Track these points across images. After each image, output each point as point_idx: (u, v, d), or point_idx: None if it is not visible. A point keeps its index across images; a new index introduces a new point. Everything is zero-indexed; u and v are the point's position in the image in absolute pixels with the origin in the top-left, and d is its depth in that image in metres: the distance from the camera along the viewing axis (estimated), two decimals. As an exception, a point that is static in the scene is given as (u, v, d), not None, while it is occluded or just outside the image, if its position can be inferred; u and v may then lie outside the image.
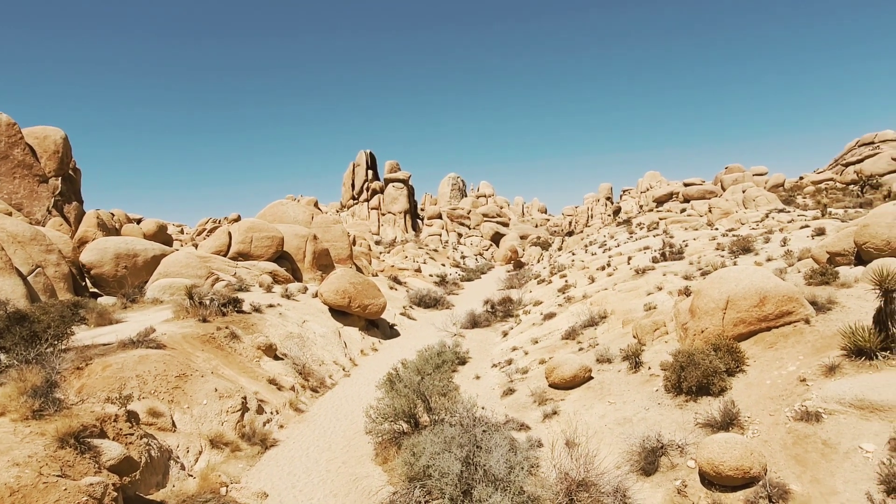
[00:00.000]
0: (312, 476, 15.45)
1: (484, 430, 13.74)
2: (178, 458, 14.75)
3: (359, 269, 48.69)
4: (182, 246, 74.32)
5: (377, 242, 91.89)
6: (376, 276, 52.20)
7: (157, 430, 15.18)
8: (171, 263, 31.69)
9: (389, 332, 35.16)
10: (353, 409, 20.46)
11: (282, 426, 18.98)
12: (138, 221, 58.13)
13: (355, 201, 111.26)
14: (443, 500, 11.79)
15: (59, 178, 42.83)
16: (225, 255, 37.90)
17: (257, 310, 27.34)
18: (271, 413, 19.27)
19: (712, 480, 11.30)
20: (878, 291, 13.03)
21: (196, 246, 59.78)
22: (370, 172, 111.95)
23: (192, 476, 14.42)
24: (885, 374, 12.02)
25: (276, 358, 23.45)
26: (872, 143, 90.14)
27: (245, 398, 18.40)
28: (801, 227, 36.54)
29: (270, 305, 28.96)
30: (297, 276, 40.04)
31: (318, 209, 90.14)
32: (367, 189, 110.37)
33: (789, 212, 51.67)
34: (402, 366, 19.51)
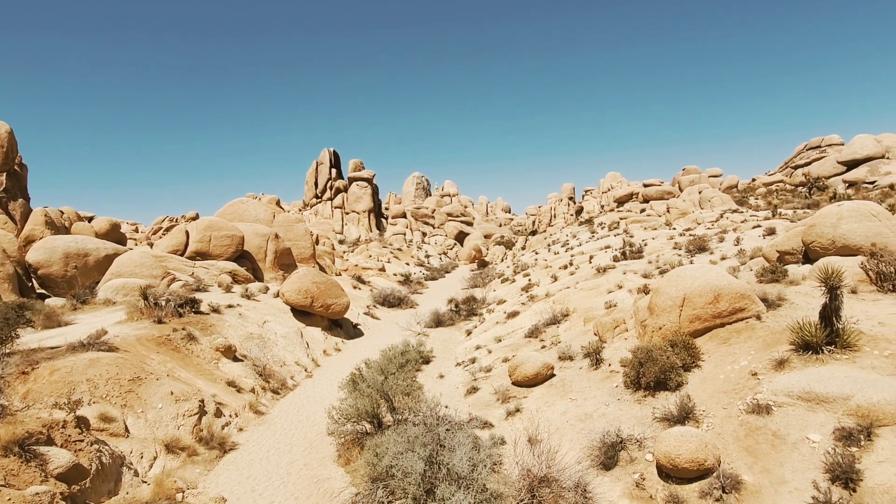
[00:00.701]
0: (273, 479, 15.16)
1: (447, 429, 13.74)
2: (131, 464, 14.26)
3: (322, 269, 48.07)
4: (137, 245, 71.89)
5: (341, 241, 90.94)
6: (340, 275, 51.65)
7: (108, 435, 14.64)
8: (124, 263, 30.61)
9: (353, 331, 34.84)
10: (316, 411, 20.18)
11: (241, 429, 18.56)
12: (90, 220, 55.92)
13: (319, 200, 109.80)
14: (406, 499, 11.73)
15: (4, 174, 40.83)
16: (182, 255, 36.85)
17: (216, 310, 26.67)
18: (230, 416, 18.83)
19: (669, 473, 11.59)
20: (823, 288, 13.59)
21: (151, 245, 57.89)
22: (334, 171, 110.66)
23: (146, 483, 13.96)
24: (830, 368, 12.56)
25: (236, 359, 22.92)
26: (819, 146, 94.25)
27: (203, 401, 17.92)
28: (754, 227, 37.89)
29: (230, 306, 28.31)
30: (257, 276, 39.26)
31: (280, 208, 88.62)
32: (331, 188, 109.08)
33: (742, 212, 53.50)
34: (365, 366, 19.35)
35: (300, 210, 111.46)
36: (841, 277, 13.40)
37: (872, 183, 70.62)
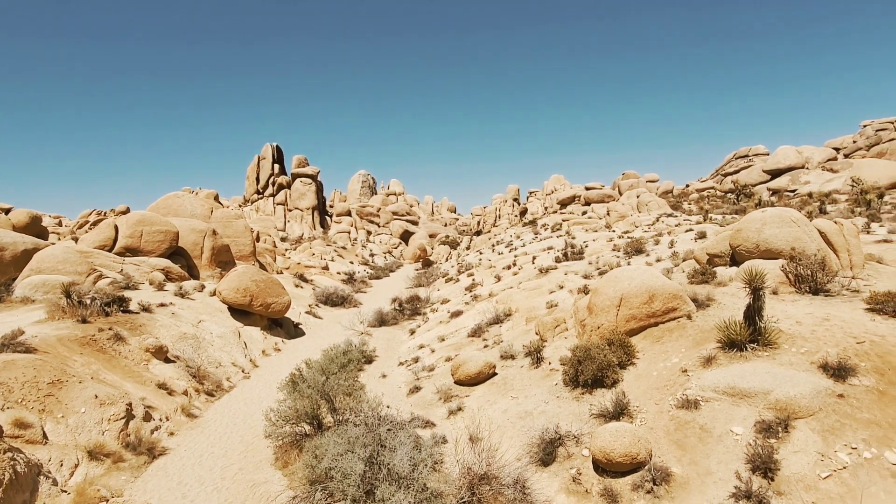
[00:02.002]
0: (206, 485, 14.57)
1: (389, 429, 13.64)
2: (49, 472, 13.36)
3: (262, 267, 46.73)
4: (60, 239, 67.58)
5: (283, 239, 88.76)
6: (281, 273, 50.37)
7: (24, 443, 13.66)
8: (45, 258, 28.65)
9: (294, 331, 34.04)
10: (253, 413, 19.58)
11: (172, 433, 17.75)
12: (6, 212, 52.12)
13: (260, 196, 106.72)
14: (345, 501, 11.56)
15: None
16: (110, 251, 34.89)
17: (146, 309, 25.41)
18: (160, 420, 17.98)
19: (604, 467, 11.94)
20: (747, 289, 14.38)
21: (76, 240, 54.52)
22: (276, 166, 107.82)
23: (65, 492, 13.12)
24: (752, 364, 13.29)
25: (168, 360, 21.90)
26: (747, 156, 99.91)
27: (130, 404, 17.02)
28: (687, 231, 39.68)
29: (162, 304, 27.04)
30: (193, 274, 37.71)
31: (219, 203, 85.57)
32: (273, 184, 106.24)
33: (677, 216, 55.94)
34: (305, 366, 18.92)
35: (240, 206, 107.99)
36: (763, 279, 14.20)
37: (793, 191, 75.47)
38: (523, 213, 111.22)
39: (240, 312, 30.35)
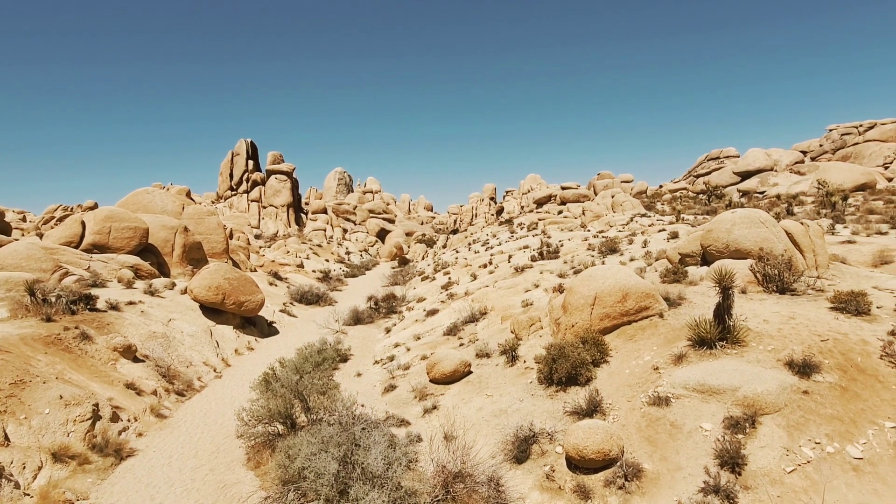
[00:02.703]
0: (175, 486, 14.29)
1: (363, 428, 13.55)
2: (11, 475, 12.97)
3: (235, 264, 46.03)
4: (24, 235, 65.54)
5: (257, 236, 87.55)
6: (255, 271, 49.68)
7: (-17, 445, 13.22)
8: (8, 255, 27.75)
9: (267, 329, 33.61)
10: (224, 413, 19.28)
11: (140, 434, 17.38)
12: (-32, 206, 50.28)
13: (234, 192, 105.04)
14: (318, 501, 11.45)
15: None
16: (77, 247, 33.97)
17: (115, 307, 24.81)
18: (128, 420, 17.58)
19: (577, 464, 12.06)
20: (717, 289, 14.68)
21: (41, 236, 52.88)
22: (251, 163, 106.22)
23: (28, 495, 12.75)
24: (721, 362, 13.57)
25: (136, 360, 21.43)
26: (718, 158, 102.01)
27: (97, 405, 16.60)
28: (659, 231, 40.32)
29: (131, 303, 26.45)
30: (163, 272, 36.93)
31: (191, 199, 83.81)
32: (248, 180, 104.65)
33: (650, 216, 56.82)
34: (279, 365, 18.70)
35: (213, 202, 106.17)
36: (733, 279, 14.52)
37: (762, 193, 77.31)
38: (500, 211, 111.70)
39: (212, 311, 29.85)
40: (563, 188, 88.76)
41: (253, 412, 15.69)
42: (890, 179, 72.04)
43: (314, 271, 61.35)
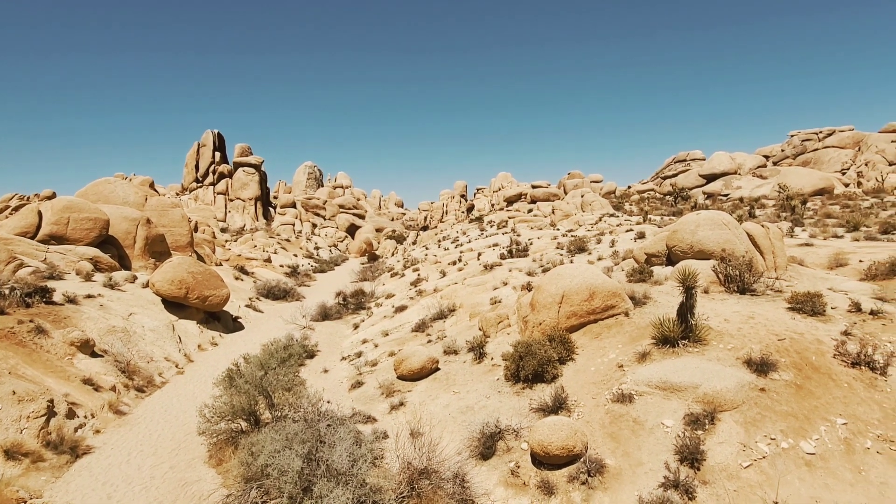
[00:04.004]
0: (133, 484, 13.91)
1: (329, 425, 13.40)
2: (-44, 475, 12.41)
3: (200, 258, 45.02)
4: (-23, 225, 62.77)
5: (223, 230, 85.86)
6: (220, 265, 48.67)
7: (-74, 443, 12.62)
8: (-43, 244, 26.56)
9: (232, 325, 32.98)
10: (186, 409, 18.84)
11: (98, 431, 16.85)
12: (-86, 193, 47.93)
13: (199, 185, 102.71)
14: (281, 499, 11.28)
15: None
16: (33, 238, 32.72)
17: (72, 301, 23.99)
18: (85, 417, 17.02)
19: (542, 460, 12.17)
20: (681, 288, 14.99)
21: (-4, 225, 50.77)
22: (218, 154, 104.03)
23: (-25, 495, 12.21)
24: (683, 360, 13.87)
25: (95, 355, 20.76)
26: (685, 160, 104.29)
27: (52, 401, 16.02)
28: (627, 231, 41.04)
29: (90, 296, 25.60)
30: (124, 264, 35.87)
31: (154, 191, 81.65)
32: (214, 172, 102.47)
33: (618, 216, 57.79)
34: (243, 360, 18.34)
35: (178, 194, 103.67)
36: (696, 279, 14.84)
37: (726, 195, 79.38)
38: (470, 209, 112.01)
39: (175, 305, 29.12)
40: (534, 187, 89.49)
41: (215, 409, 15.36)
42: (847, 185, 74.87)
43: (282, 266, 60.48)
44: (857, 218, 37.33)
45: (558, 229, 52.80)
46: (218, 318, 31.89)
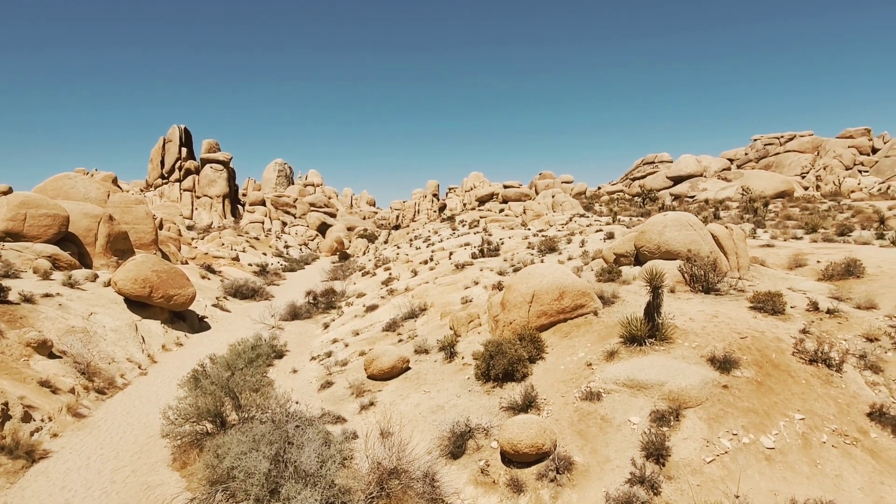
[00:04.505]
0: (93, 489, 13.48)
1: (297, 426, 13.23)
2: None
3: (165, 256, 43.94)
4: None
5: (189, 227, 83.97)
6: (186, 263, 47.59)
7: None
8: None
9: (199, 325, 32.28)
10: (149, 412, 18.35)
11: (56, 435, 16.28)
12: None
13: (165, 181, 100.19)
14: (248, 501, 11.08)
15: None
16: (-13, 234, 31.43)
17: (29, 300, 23.13)
18: (42, 420, 16.43)
19: (511, 458, 12.24)
20: (648, 288, 15.26)
21: (-53, 221, 48.58)
22: (184, 150, 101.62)
23: (-79, 503, 11.67)
24: (650, 358, 14.13)
25: (53, 356, 20.05)
26: (653, 162, 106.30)
27: (6, 404, 15.43)
28: (597, 231, 41.60)
29: (48, 295, 24.72)
30: (85, 262, 34.75)
31: (118, 187, 79.28)
32: (180, 168, 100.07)
33: (588, 217, 58.54)
34: (209, 361, 17.99)
35: (142, 191, 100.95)
36: (663, 279, 15.13)
37: (693, 197, 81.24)
38: (442, 208, 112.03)
39: (138, 304, 28.35)
40: (506, 187, 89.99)
41: (180, 410, 15.00)
42: (806, 188, 77.40)
43: (250, 265, 59.48)
44: (815, 220, 38.65)
45: (529, 229, 53.21)
46: (183, 318, 31.17)
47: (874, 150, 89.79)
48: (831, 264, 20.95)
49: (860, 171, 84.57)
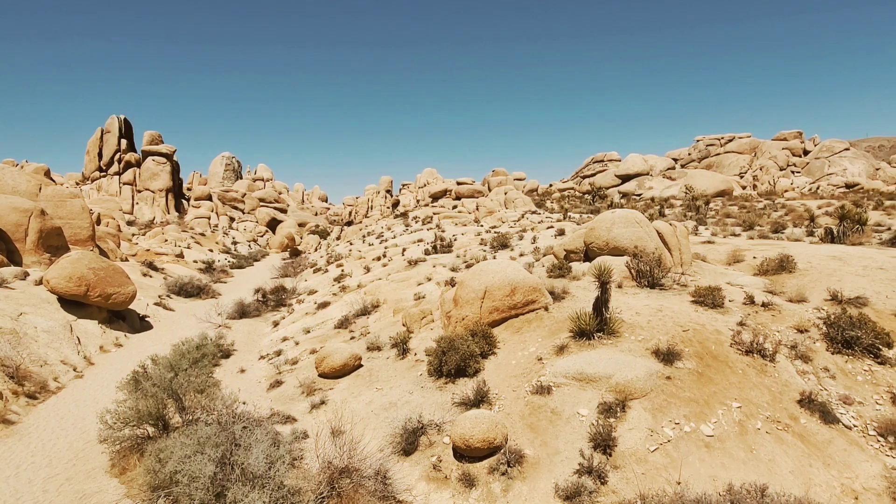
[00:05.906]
0: (23, 499, 12.70)
1: (244, 427, 12.88)
2: None
3: (103, 253, 41.88)
4: None
5: (130, 223, 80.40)
6: (126, 260, 45.54)
7: None
8: None
9: (140, 324, 30.94)
10: (86, 416, 17.45)
11: (-19, 443, 15.26)
12: None
13: (103, 174, 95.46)
14: (192, 506, 10.69)
15: None
16: None
17: (-50, 299, 21.58)
18: (-35, 428, 15.36)
19: (463, 453, 12.30)
20: (597, 283, 15.62)
21: None
22: (124, 142, 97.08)
23: None
24: (598, 351, 14.48)
25: (-23, 359, 18.78)
26: (602, 161, 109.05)
27: (-77, 412, 14.34)
28: (548, 228, 42.33)
29: (-28, 294, 23.13)
30: (14, 259, 32.70)
31: (51, 179, 74.98)
32: (120, 161, 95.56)
33: (540, 214, 59.47)
34: (151, 362, 17.24)
35: (78, 184, 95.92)
36: (610, 274, 15.52)
37: (640, 195, 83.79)
38: (395, 204, 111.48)
39: (73, 304, 26.90)
40: (459, 183, 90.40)
41: (119, 414, 14.31)
42: (744, 187, 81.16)
43: (196, 262, 57.48)
44: (752, 218, 40.59)
45: (482, 226, 53.62)
46: (123, 318, 29.81)
47: (805, 152, 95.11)
48: (766, 260, 22.01)
49: (793, 172, 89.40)
